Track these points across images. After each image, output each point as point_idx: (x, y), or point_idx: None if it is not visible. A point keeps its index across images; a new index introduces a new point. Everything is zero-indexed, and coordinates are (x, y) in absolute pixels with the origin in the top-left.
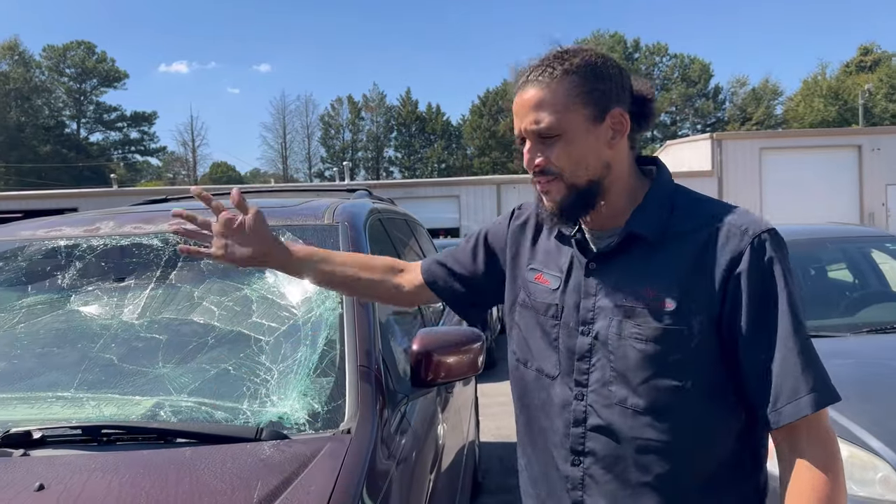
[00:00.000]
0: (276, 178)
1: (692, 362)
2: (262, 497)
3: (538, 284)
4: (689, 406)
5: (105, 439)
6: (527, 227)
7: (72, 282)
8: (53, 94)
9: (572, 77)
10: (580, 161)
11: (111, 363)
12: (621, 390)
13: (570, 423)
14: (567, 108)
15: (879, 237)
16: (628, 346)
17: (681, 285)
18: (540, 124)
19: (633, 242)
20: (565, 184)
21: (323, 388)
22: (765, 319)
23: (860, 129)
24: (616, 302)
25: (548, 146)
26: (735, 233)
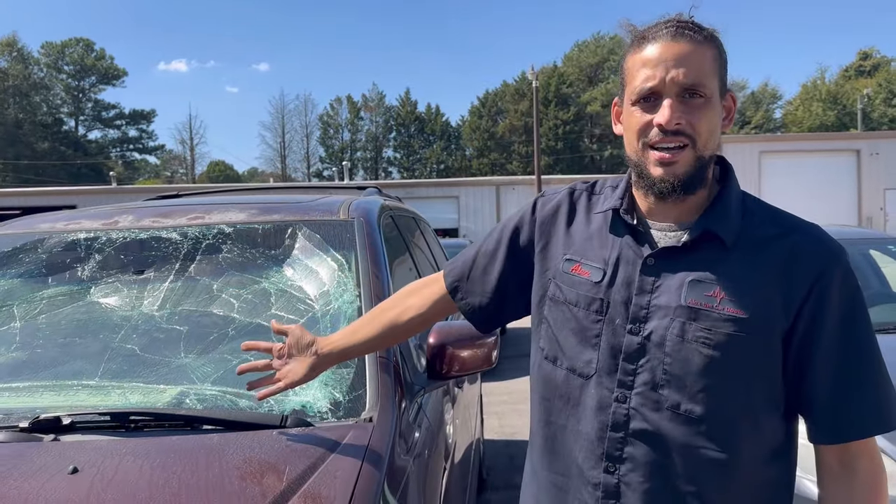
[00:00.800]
0: (274, 177)
1: (756, 372)
2: (291, 481)
3: (576, 276)
4: (746, 416)
5: (133, 426)
6: (559, 213)
7: (92, 274)
8: (52, 91)
9: (714, 44)
10: (714, 131)
11: (133, 353)
12: (674, 395)
13: (607, 426)
14: (713, 74)
15: (882, 239)
16: (692, 349)
17: (755, 294)
18: (695, 79)
19: (705, 241)
20: (695, 153)
21: (344, 379)
22: (847, 337)
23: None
24: (681, 302)
25: (689, 108)
26: (818, 249)
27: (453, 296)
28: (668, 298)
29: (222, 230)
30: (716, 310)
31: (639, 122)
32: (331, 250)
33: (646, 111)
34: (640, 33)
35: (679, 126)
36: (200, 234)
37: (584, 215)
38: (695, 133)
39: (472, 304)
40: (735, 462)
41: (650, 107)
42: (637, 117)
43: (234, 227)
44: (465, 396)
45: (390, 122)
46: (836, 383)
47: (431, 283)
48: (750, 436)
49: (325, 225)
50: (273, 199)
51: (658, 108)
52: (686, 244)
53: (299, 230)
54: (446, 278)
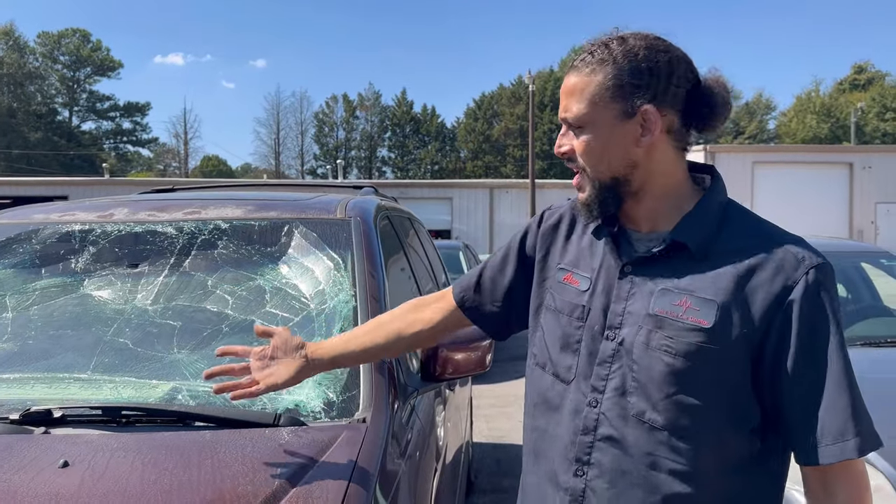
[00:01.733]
0: (268, 173)
1: (720, 384)
2: (283, 480)
3: (567, 285)
4: (709, 429)
5: (124, 420)
6: (559, 226)
7: (85, 266)
8: (46, 81)
9: (608, 68)
10: (602, 156)
11: (126, 347)
12: (640, 403)
13: (578, 430)
14: (596, 101)
15: (874, 252)
16: (655, 358)
17: (721, 304)
18: (568, 113)
19: (675, 251)
20: (589, 178)
21: (338, 378)
22: (815, 355)
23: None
24: (648, 310)
25: (577, 136)
26: (790, 260)
27: (461, 305)
28: (640, 306)
29: (218, 226)
30: (681, 319)
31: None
32: (327, 249)
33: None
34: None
35: (563, 153)
36: (196, 229)
37: (581, 227)
38: (583, 162)
39: (482, 311)
40: (698, 475)
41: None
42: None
43: (230, 223)
44: (456, 399)
45: (385, 122)
46: (804, 405)
47: (440, 298)
48: (714, 449)
49: (321, 223)
50: (270, 196)
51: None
52: (657, 253)
53: (296, 228)
54: (454, 290)
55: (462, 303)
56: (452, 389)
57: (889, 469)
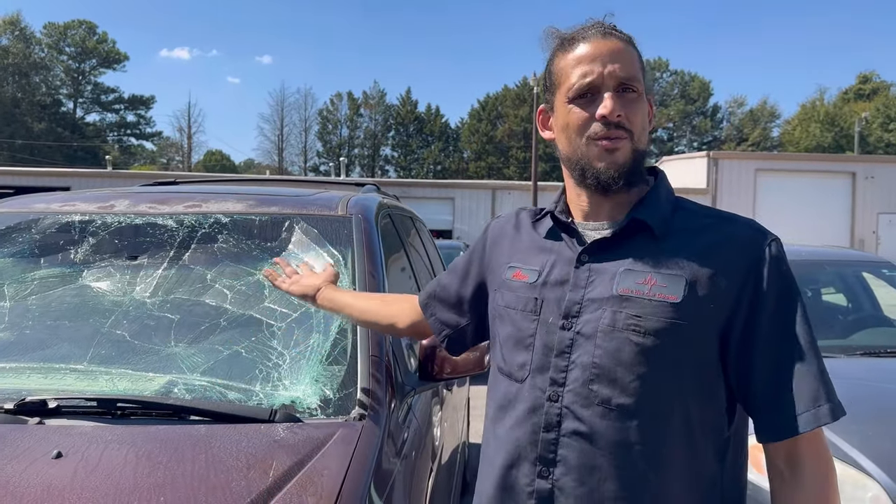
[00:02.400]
0: (271, 169)
1: (690, 362)
2: (277, 477)
3: (515, 281)
4: (680, 410)
5: (120, 413)
6: (505, 229)
7: (85, 257)
8: (52, 72)
9: (635, 46)
10: (645, 126)
11: (123, 339)
12: (605, 389)
13: (540, 427)
14: (640, 71)
15: (876, 262)
16: (622, 339)
17: (687, 279)
18: (624, 73)
19: (635, 232)
20: (632, 145)
21: (335, 376)
22: (787, 325)
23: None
24: (612, 291)
25: (625, 102)
26: (750, 235)
27: (424, 311)
28: (601, 291)
29: (219, 220)
30: (647, 296)
31: (580, 118)
32: (327, 245)
33: (584, 107)
34: (569, 35)
35: (620, 118)
36: (196, 222)
37: (528, 226)
38: (632, 126)
39: (439, 319)
40: (669, 460)
41: (588, 103)
42: (577, 113)
43: (230, 217)
44: (453, 399)
45: (389, 121)
46: (776, 376)
47: (412, 297)
48: (683, 431)
49: (322, 220)
50: (271, 192)
51: (596, 102)
52: (616, 234)
53: (296, 224)
54: (420, 296)
55: (425, 308)
56: (450, 390)
57: (885, 478)
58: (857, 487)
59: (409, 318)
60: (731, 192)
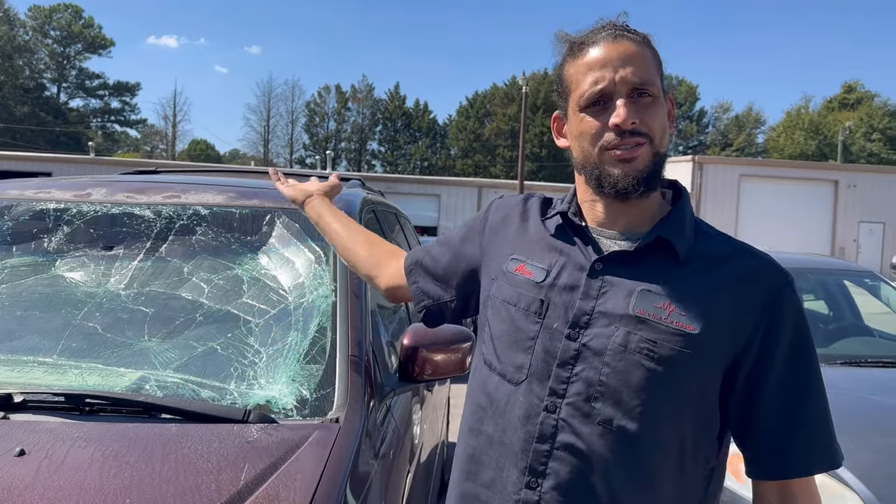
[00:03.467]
0: (256, 160)
1: (695, 391)
2: (249, 480)
3: (518, 276)
4: (679, 437)
5: (88, 409)
6: (511, 216)
7: (58, 246)
8: (36, 56)
9: (650, 46)
10: (664, 129)
11: (95, 332)
12: (608, 409)
13: (533, 437)
14: (656, 73)
15: (858, 272)
16: (633, 361)
17: (705, 311)
18: (644, 77)
19: (656, 251)
20: (652, 150)
21: (312, 375)
22: (799, 367)
23: (839, 164)
24: (628, 310)
25: (640, 107)
26: (769, 270)
27: (407, 277)
28: (614, 305)
29: (198, 211)
30: (664, 322)
31: (592, 127)
32: (309, 241)
33: (596, 116)
34: (579, 40)
35: (635, 125)
36: (175, 213)
37: (536, 220)
38: (650, 131)
39: (421, 288)
40: (660, 486)
41: (600, 111)
42: (589, 122)
43: (210, 210)
44: (433, 399)
45: (377, 115)
46: (786, 417)
47: (401, 258)
48: (677, 459)
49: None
50: (253, 184)
51: (609, 110)
52: (638, 250)
53: (278, 218)
54: (405, 259)
55: (409, 274)
56: (430, 390)
57: (864, 489)
58: (836, 498)
59: (390, 279)
60: (715, 196)
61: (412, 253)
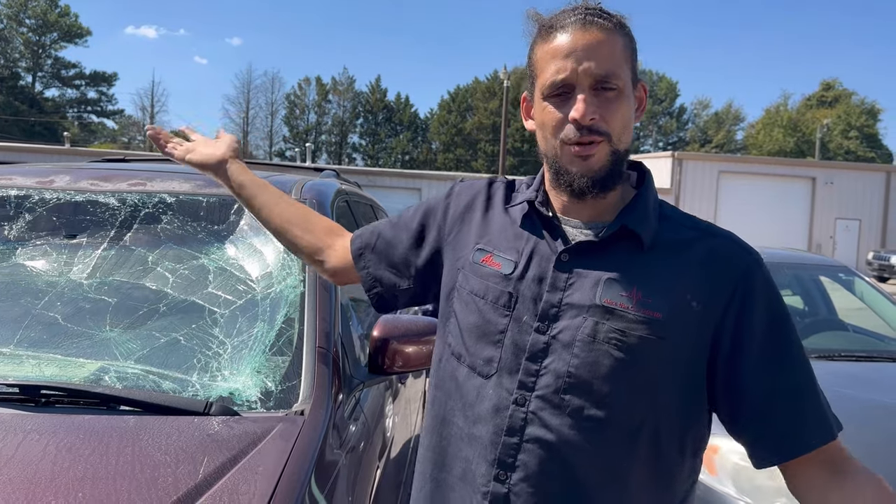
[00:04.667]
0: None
1: (668, 381)
2: (208, 474)
3: (485, 267)
4: (651, 425)
5: (44, 400)
6: (475, 202)
7: (19, 234)
8: (10, 45)
9: (623, 32)
10: (627, 124)
11: (55, 322)
12: (578, 399)
13: (502, 430)
14: (624, 63)
15: (833, 267)
16: (602, 351)
17: (672, 296)
18: (608, 69)
19: (621, 239)
20: (611, 147)
21: (278, 367)
22: (780, 343)
23: (816, 162)
24: (595, 300)
25: (603, 101)
26: (735, 251)
27: (356, 262)
28: (581, 296)
29: (164, 199)
30: (631, 310)
31: (553, 118)
32: None
33: (558, 106)
34: (548, 22)
35: (594, 121)
36: (140, 201)
37: (500, 207)
38: (609, 128)
39: (373, 274)
40: (630, 476)
41: (562, 102)
42: (550, 112)
43: (176, 198)
44: (407, 391)
45: (358, 108)
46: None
47: (345, 237)
48: (649, 448)
49: None
50: None
51: (571, 102)
52: (603, 240)
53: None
54: (353, 242)
55: (358, 259)
56: (403, 382)
57: None
58: None
59: (336, 262)
60: (693, 192)
61: (359, 234)
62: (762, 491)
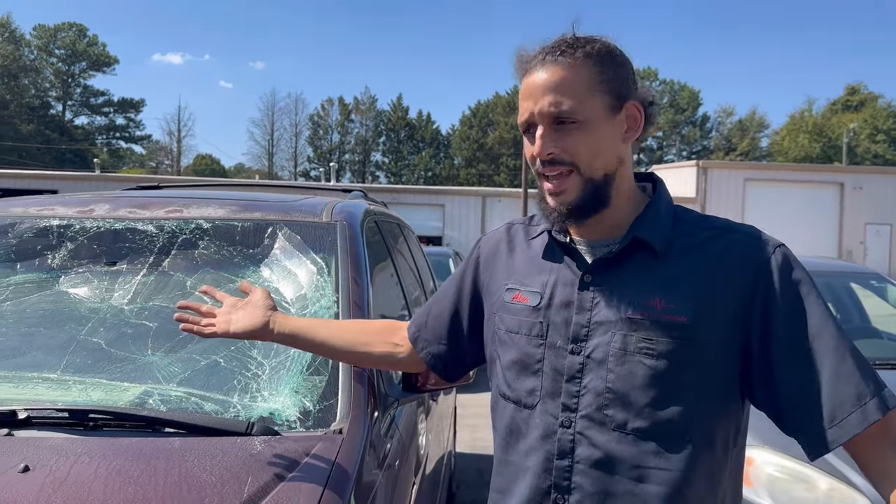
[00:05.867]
0: (260, 174)
1: (705, 380)
2: (252, 493)
3: (516, 304)
4: (698, 429)
5: (92, 424)
6: (499, 249)
7: (62, 262)
8: (41, 75)
9: (594, 61)
10: (598, 152)
11: (99, 347)
12: (620, 413)
13: (553, 455)
14: (589, 93)
15: (864, 274)
16: (636, 362)
17: (694, 298)
18: (560, 107)
19: (636, 250)
20: (582, 177)
21: (315, 387)
22: (807, 332)
23: (843, 167)
24: (620, 315)
25: (563, 134)
26: (754, 244)
27: (415, 346)
28: (608, 313)
29: (200, 225)
30: (656, 318)
31: (528, 154)
32: (311, 252)
33: (530, 142)
34: (521, 65)
35: (552, 155)
36: (177, 227)
37: (522, 244)
38: (574, 158)
39: (432, 352)
40: (690, 480)
41: (532, 138)
42: (527, 149)
43: (212, 223)
44: (439, 408)
45: (380, 127)
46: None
47: (404, 329)
48: (703, 452)
49: (306, 226)
50: (255, 197)
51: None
52: (617, 254)
53: (280, 230)
54: (409, 329)
55: (415, 342)
56: (435, 400)
57: (874, 493)
58: (847, 502)
59: (405, 354)
60: (719, 201)
61: (413, 319)
62: (799, 502)
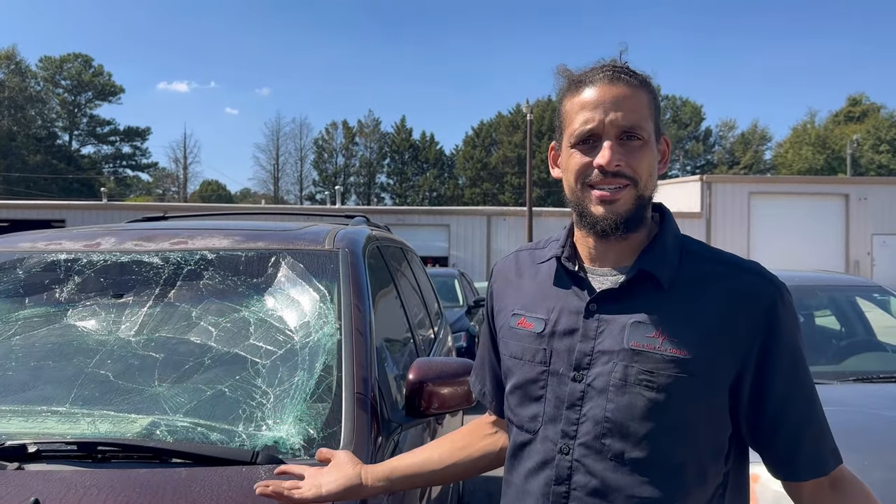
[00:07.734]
0: (266, 198)
1: (702, 416)
2: None
3: (521, 329)
4: (692, 461)
5: (100, 456)
6: (508, 276)
7: (70, 296)
8: (47, 105)
9: (648, 89)
10: (652, 173)
11: (107, 379)
12: (618, 443)
13: (551, 480)
14: (649, 117)
15: (867, 287)
16: (636, 393)
17: (696, 333)
18: (632, 121)
19: (644, 281)
20: (637, 192)
21: (319, 414)
22: (797, 375)
23: (848, 178)
24: (623, 345)
25: (628, 150)
26: (759, 283)
27: (488, 406)
28: (611, 343)
29: (205, 256)
30: (658, 351)
31: (578, 164)
32: (313, 280)
33: (585, 153)
34: (577, 77)
35: (619, 167)
36: (182, 259)
37: (530, 270)
38: (635, 174)
39: (500, 406)
40: None
41: (589, 149)
42: (577, 159)
43: (216, 254)
44: (445, 431)
45: (385, 149)
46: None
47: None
48: (695, 483)
49: (309, 254)
50: (259, 226)
51: (597, 149)
52: (623, 286)
53: (283, 259)
54: (474, 387)
55: (484, 400)
56: (441, 423)
57: None
58: None
59: (497, 436)
60: (724, 215)
61: (472, 384)
62: None
